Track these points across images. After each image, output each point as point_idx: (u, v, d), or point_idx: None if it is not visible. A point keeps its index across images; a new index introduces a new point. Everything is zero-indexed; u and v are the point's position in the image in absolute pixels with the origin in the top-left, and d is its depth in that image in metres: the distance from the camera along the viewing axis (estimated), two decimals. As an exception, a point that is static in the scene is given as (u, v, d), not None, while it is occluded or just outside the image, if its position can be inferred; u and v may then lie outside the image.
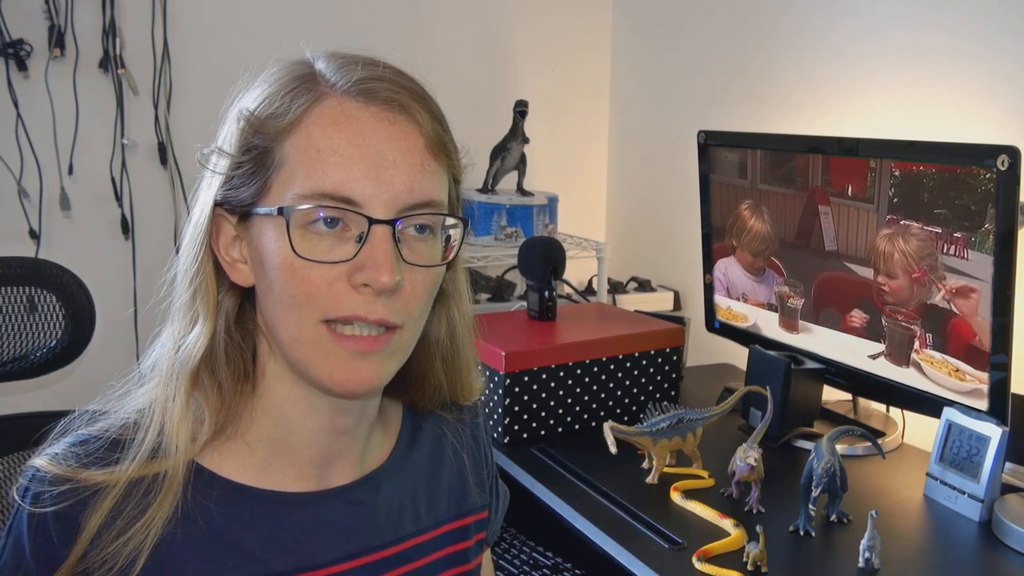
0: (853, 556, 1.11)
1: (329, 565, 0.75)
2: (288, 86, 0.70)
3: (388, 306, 0.68)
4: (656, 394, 1.60)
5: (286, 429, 0.75)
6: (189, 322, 0.72)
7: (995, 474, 1.22)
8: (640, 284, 2.30)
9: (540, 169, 2.33)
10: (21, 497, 0.69)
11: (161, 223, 2.06)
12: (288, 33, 2.10)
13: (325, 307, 0.68)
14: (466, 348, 0.85)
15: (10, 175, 1.90)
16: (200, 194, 0.73)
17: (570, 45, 2.48)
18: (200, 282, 0.72)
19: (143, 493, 0.69)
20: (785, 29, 1.90)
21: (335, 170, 0.67)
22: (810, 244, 1.53)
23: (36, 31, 1.88)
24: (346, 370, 0.69)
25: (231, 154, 0.71)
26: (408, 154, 0.69)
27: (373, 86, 0.69)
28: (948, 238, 1.28)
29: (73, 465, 0.69)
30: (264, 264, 0.70)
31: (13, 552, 0.69)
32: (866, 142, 1.40)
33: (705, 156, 1.73)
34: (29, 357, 1.09)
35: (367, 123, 0.68)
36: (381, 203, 0.67)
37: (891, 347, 1.41)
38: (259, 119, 0.70)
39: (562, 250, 1.70)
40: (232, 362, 0.73)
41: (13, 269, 1.08)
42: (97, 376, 0.77)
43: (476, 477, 0.91)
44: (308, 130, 0.68)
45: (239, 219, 0.72)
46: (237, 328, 0.74)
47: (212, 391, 0.72)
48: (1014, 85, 1.44)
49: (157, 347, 0.75)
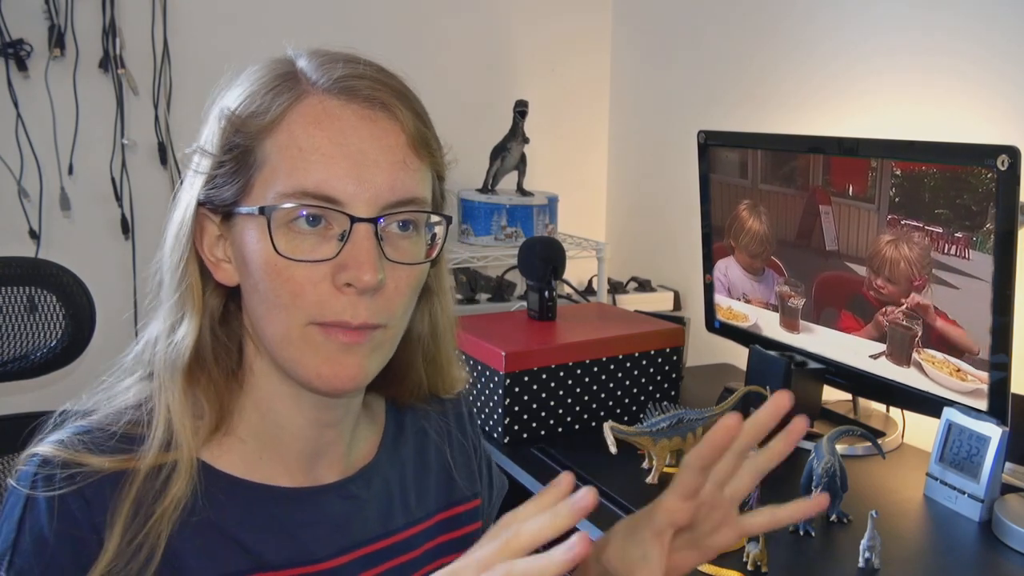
0: (853, 556, 1.11)
1: (324, 560, 0.76)
2: (269, 84, 0.70)
3: (371, 307, 0.68)
4: (656, 394, 1.60)
5: (275, 424, 0.75)
6: (176, 321, 0.73)
7: (995, 474, 1.22)
8: (640, 284, 2.30)
9: (540, 169, 2.33)
10: (30, 484, 0.67)
11: (161, 223, 2.02)
12: (288, 33, 2.09)
13: (311, 310, 0.68)
14: (447, 344, 0.85)
15: (10, 175, 1.90)
16: (183, 194, 0.74)
17: (570, 45, 2.48)
18: (185, 282, 0.72)
19: (161, 482, 0.69)
20: (785, 29, 1.90)
21: (316, 169, 0.67)
22: (811, 244, 1.53)
23: (36, 31, 1.88)
24: (332, 365, 0.69)
25: (213, 153, 0.71)
26: (390, 151, 0.69)
27: (354, 83, 0.69)
28: (949, 238, 1.28)
29: (83, 452, 0.68)
30: (248, 264, 0.70)
31: (32, 543, 0.66)
32: (866, 142, 1.40)
33: (705, 156, 1.73)
34: (29, 357, 1.09)
35: (348, 121, 0.68)
36: (363, 201, 0.67)
37: (892, 347, 1.41)
38: (240, 118, 0.69)
39: (562, 250, 1.70)
40: (220, 360, 0.73)
41: (13, 269, 1.08)
42: (97, 376, 0.77)
43: (465, 468, 0.91)
44: (289, 128, 0.68)
45: (222, 219, 0.72)
46: (223, 327, 0.74)
47: (208, 387, 0.72)
48: (1014, 85, 1.44)
49: (140, 343, 0.75)
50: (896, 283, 1.38)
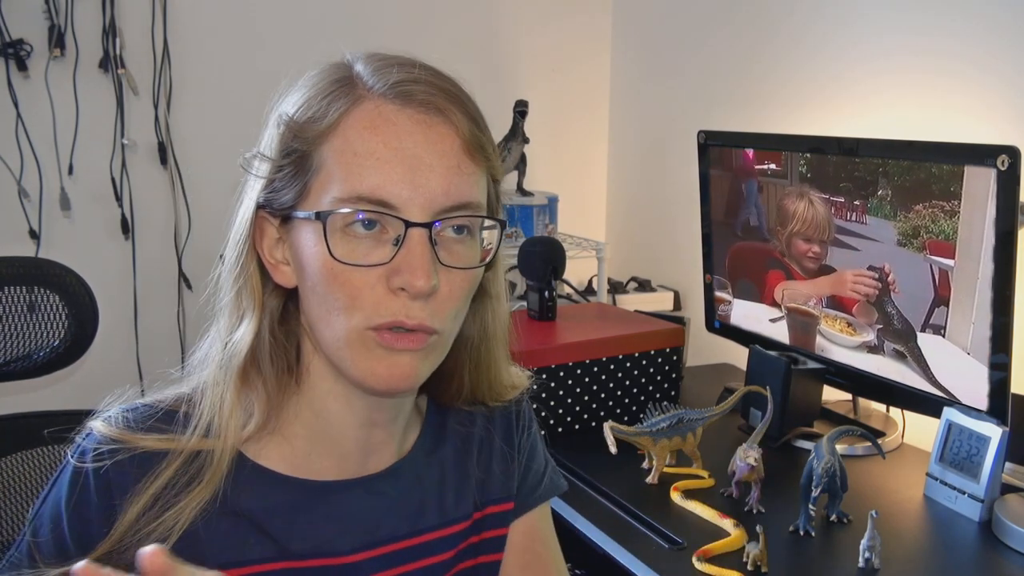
0: (853, 556, 1.11)
1: (348, 554, 0.77)
2: (326, 90, 0.71)
3: (425, 309, 0.69)
4: (656, 394, 1.60)
5: (327, 423, 0.77)
6: (235, 321, 0.74)
7: (995, 474, 1.22)
8: (640, 284, 2.30)
9: (540, 169, 2.34)
10: (80, 455, 0.71)
11: (161, 223, 2.06)
12: (288, 33, 2.10)
13: (368, 312, 0.68)
14: (497, 349, 0.85)
15: (10, 175, 1.90)
16: (243, 197, 0.75)
17: (570, 45, 2.48)
18: (244, 282, 0.74)
19: (192, 473, 0.71)
20: (785, 30, 1.90)
21: (371, 173, 0.67)
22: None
23: (36, 31, 1.88)
24: (386, 367, 0.70)
25: (271, 158, 0.72)
26: (444, 156, 0.69)
27: (410, 88, 0.70)
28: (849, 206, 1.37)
29: (124, 430, 0.71)
30: (305, 267, 0.71)
31: (50, 513, 0.71)
32: (866, 142, 1.40)
33: (705, 156, 1.74)
34: (32, 357, 1.09)
35: (403, 126, 0.69)
36: (417, 206, 0.68)
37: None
38: (298, 123, 0.70)
39: (562, 250, 1.70)
40: (277, 359, 0.75)
41: (16, 269, 1.08)
42: (97, 376, 0.78)
43: (504, 472, 0.90)
44: (345, 133, 0.69)
45: (281, 222, 0.73)
46: (281, 327, 0.76)
47: (260, 387, 0.74)
48: (1014, 85, 1.44)
49: (205, 344, 0.77)
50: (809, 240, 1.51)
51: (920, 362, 1.37)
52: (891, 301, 1.40)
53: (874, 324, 1.44)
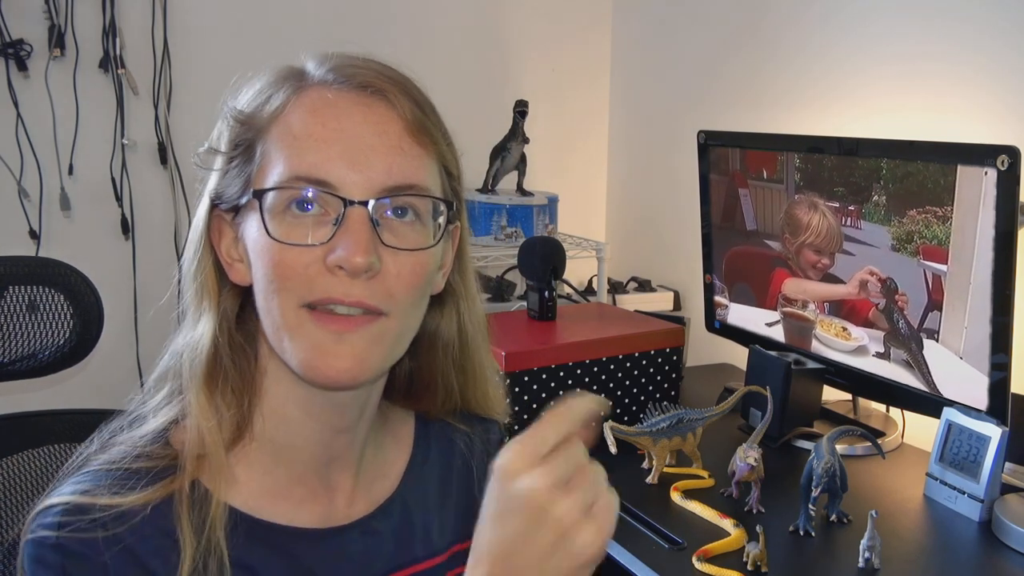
0: (853, 556, 1.12)
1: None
2: (274, 83, 0.71)
3: (367, 289, 0.67)
4: (656, 394, 1.60)
5: (288, 431, 0.74)
6: (194, 323, 0.73)
7: (995, 474, 1.22)
8: (640, 284, 2.30)
9: (540, 169, 2.34)
10: (56, 532, 0.65)
11: (161, 223, 2.06)
12: (287, 33, 2.10)
13: (301, 291, 0.67)
14: (480, 352, 0.83)
15: (10, 175, 1.90)
16: (202, 195, 0.74)
17: (570, 45, 2.48)
18: (201, 281, 0.72)
19: (201, 493, 0.69)
20: (786, 31, 1.90)
21: (310, 153, 0.67)
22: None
23: (36, 31, 1.88)
24: (327, 355, 0.67)
25: (223, 151, 0.72)
26: (385, 136, 0.68)
27: (350, 72, 0.70)
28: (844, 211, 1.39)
29: (109, 495, 0.66)
30: (249, 254, 0.70)
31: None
32: (866, 142, 1.40)
33: (705, 156, 1.74)
34: (37, 356, 1.09)
35: (343, 107, 0.68)
36: (356, 185, 0.67)
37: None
38: (244, 114, 0.71)
39: (562, 250, 1.70)
40: (238, 362, 0.73)
41: (22, 268, 1.08)
42: (97, 376, 0.77)
43: (476, 506, 0.89)
44: (287, 119, 0.69)
45: (233, 216, 0.72)
46: (239, 330, 0.74)
47: (227, 392, 0.72)
48: (1014, 86, 1.44)
49: (167, 355, 0.75)
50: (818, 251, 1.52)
51: (921, 367, 1.37)
52: (897, 309, 1.40)
53: (882, 330, 1.44)
